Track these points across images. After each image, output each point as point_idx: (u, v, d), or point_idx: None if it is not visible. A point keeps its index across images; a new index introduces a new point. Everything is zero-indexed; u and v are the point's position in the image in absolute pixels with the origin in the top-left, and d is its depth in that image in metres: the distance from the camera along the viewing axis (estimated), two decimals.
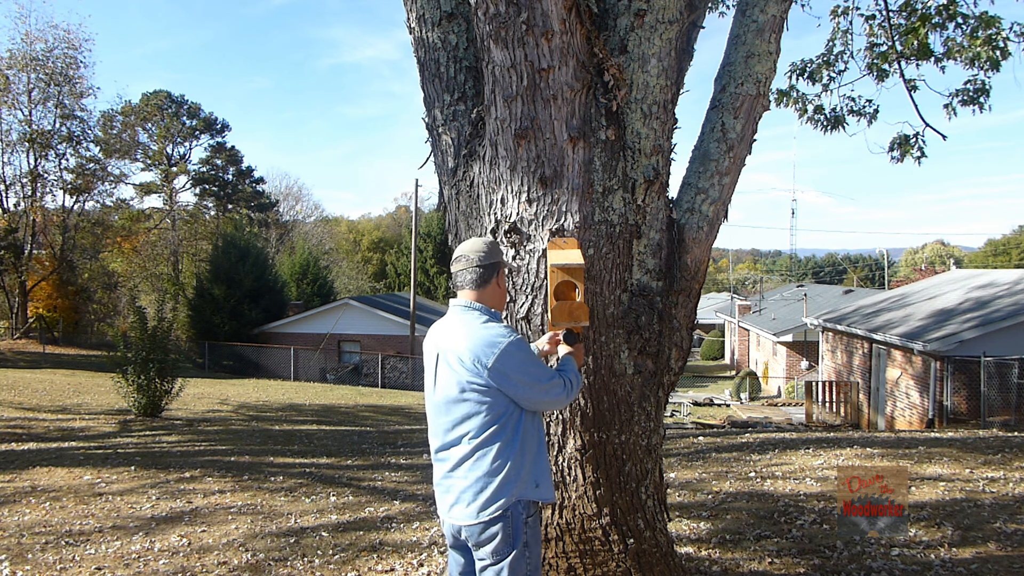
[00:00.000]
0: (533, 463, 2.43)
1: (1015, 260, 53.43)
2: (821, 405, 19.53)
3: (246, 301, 29.49)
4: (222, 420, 12.89)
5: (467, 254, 2.47)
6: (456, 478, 2.41)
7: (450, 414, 2.40)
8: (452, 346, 2.38)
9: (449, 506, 2.44)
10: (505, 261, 2.52)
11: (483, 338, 2.34)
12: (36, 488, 6.03)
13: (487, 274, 2.46)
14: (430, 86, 3.20)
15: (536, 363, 2.41)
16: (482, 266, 2.45)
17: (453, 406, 2.38)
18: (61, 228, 31.78)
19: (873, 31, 6.87)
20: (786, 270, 77.80)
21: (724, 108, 3.13)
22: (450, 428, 2.41)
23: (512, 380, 2.32)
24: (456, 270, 2.49)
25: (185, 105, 40.71)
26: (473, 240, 2.53)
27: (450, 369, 2.37)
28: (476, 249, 2.47)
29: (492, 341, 2.32)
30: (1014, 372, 13.21)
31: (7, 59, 29.23)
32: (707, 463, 7.12)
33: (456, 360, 2.35)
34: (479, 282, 2.45)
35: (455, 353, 2.36)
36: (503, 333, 2.36)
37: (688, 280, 3.14)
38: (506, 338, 2.34)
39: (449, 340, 2.41)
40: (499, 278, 2.51)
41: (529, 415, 2.44)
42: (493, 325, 2.39)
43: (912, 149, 6.66)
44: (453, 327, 2.43)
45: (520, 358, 2.35)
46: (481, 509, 2.35)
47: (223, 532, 4.75)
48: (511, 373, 2.32)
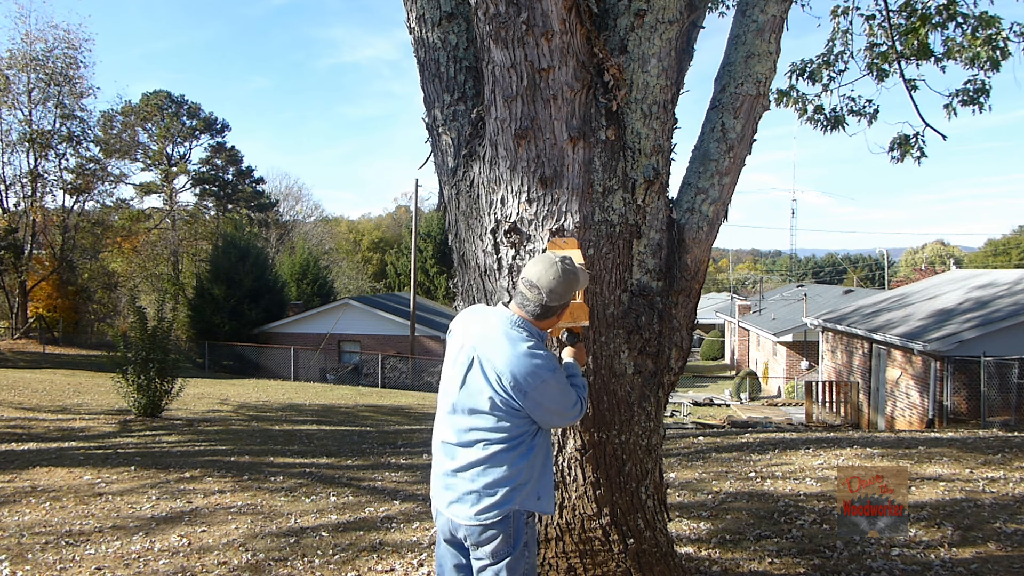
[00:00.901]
0: (540, 476, 2.46)
1: (1015, 260, 53.43)
2: (821, 405, 19.53)
3: (246, 301, 29.48)
4: (222, 420, 12.88)
5: (539, 285, 2.39)
6: (462, 478, 2.41)
7: (471, 418, 2.40)
8: (493, 358, 2.36)
9: (449, 503, 2.44)
10: (572, 300, 2.49)
11: (529, 366, 2.33)
12: (36, 488, 6.03)
13: (550, 312, 2.44)
14: (430, 86, 3.20)
15: (567, 393, 2.42)
16: (549, 306, 2.41)
17: (479, 414, 2.39)
18: (61, 228, 31.78)
19: (873, 31, 6.87)
20: (786, 270, 77.81)
21: (724, 108, 3.13)
22: (467, 430, 2.41)
23: (543, 408, 2.37)
24: (522, 290, 2.43)
25: (185, 105, 40.70)
26: (549, 270, 2.40)
27: (485, 381, 2.36)
28: (549, 286, 2.39)
29: (537, 373, 2.32)
30: (1014, 372, 13.21)
31: (7, 59, 29.27)
32: (707, 463, 7.12)
33: (495, 375, 2.35)
34: (540, 315, 2.43)
35: (495, 369, 2.34)
36: (548, 366, 2.35)
37: (688, 280, 3.14)
38: (551, 372, 2.35)
39: (491, 349, 2.37)
40: (561, 314, 2.48)
41: (544, 432, 2.49)
42: (539, 353, 2.36)
43: (912, 149, 6.65)
44: (496, 337, 2.39)
45: (558, 391, 2.38)
46: (483, 512, 2.36)
47: (223, 532, 4.74)
48: (546, 404, 2.36)
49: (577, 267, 2.49)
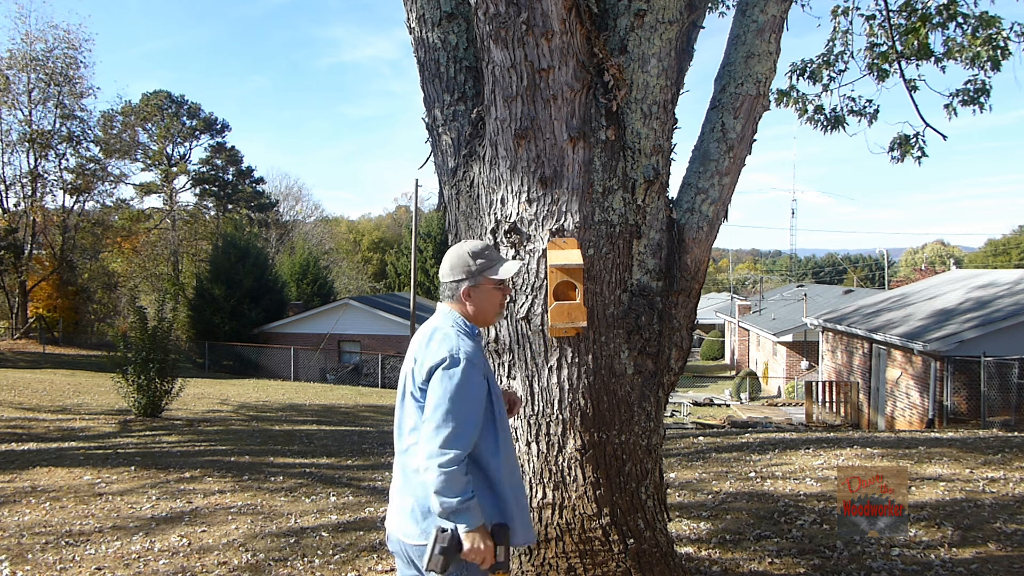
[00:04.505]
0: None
1: (1015, 260, 53.41)
2: (821, 405, 19.53)
3: (246, 301, 29.49)
4: (222, 420, 12.89)
5: (441, 268, 2.33)
6: (394, 493, 2.30)
7: (404, 426, 2.26)
8: (418, 354, 2.20)
9: (392, 519, 2.31)
10: (475, 276, 2.27)
11: (436, 350, 2.15)
12: (36, 488, 6.03)
13: (452, 291, 2.30)
14: (430, 86, 3.20)
15: (464, 404, 2.08)
16: (444, 282, 2.32)
17: (405, 419, 2.25)
18: (61, 228, 31.80)
19: (873, 31, 6.87)
20: (786, 270, 77.77)
21: (724, 108, 3.13)
22: (401, 440, 2.28)
23: (429, 400, 2.11)
24: None
25: (185, 105, 40.72)
26: (448, 253, 2.35)
27: (412, 380, 2.22)
28: (444, 266, 2.32)
29: (439, 355, 2.12)
30: (1014, 372, 13.21)
31: (7, 59, 29.32)
32: (707, 463, 7.12)
33: (414, 371, 2.19)
34: (449, 296, 2.31)
35: (417, 363, 2.19)
36: (454, 357, 2.11)
37: (688, 280, 3.14)
38: (454, 365, 2.09)
39: (418, 347, 2.24)
40: (466, 291, 2.28)
41: (486, 442, 2.18)
42: (453, 341, 2.17)
43: (912, 149, 6.65)
44: (425, 332, 2.28)
45: (441, 391, 2.08)
46: (407, 533, 2.22)
47: (223, 532, 4.74)
48: (433, 393, 2.10)
49: (478, 247, 2.30)
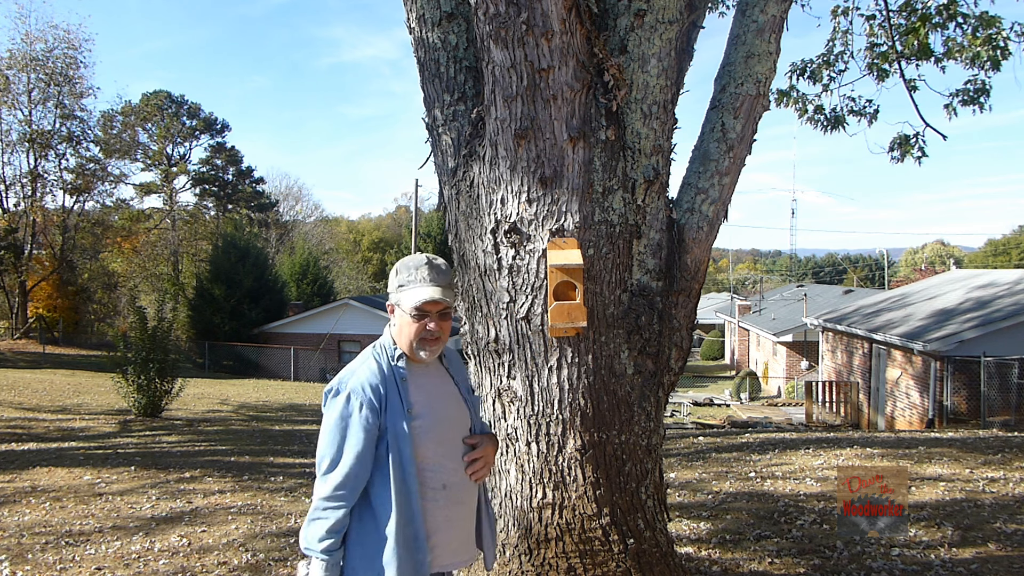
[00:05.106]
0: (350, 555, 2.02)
1: (1015, 260, 53.40)
2: (821, 405, 19.53)
3: (246, 301, 29.48)
4: (222, 420, 12.89)
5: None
6: None
7: None
8: None
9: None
10: (394, 293, 2.13)
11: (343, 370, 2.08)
12: (36, 488, 6.03)
13: (393, 309, 2.16)
14: (430, 86, 3.20)
15: (334, 440, 1.94)
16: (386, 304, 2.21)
17: None
18: (61, 228, 31.80)
19: (873, 31, 6.87)
20: (786, 270, 77.76)
21: (724, 108, 3.13)
22: None
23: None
24: None
25: (185, 105, 40.74)
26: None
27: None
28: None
29: (334, 380, 2.04)
30: (1014, 372, 13.21)
31: (7, 59, 29.34)
32: (707, 463, 7.12)
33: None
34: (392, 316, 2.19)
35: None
36: (347, 374, 2.03)
37: (688, 280, 3.14)
38: (342, 386, 1.98)
39: None
40: (390, 307, 2.16)
41: (377, 493, 1.99)
42: (359, 360, 2.08)
43: (912, 149, 6.65)
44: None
45: (327, 418, 1.97)
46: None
47: (223, 532, 4.74)
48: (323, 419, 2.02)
49: (413, 263, 2.12)
